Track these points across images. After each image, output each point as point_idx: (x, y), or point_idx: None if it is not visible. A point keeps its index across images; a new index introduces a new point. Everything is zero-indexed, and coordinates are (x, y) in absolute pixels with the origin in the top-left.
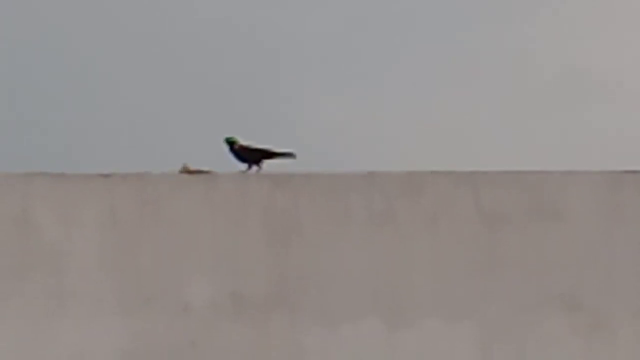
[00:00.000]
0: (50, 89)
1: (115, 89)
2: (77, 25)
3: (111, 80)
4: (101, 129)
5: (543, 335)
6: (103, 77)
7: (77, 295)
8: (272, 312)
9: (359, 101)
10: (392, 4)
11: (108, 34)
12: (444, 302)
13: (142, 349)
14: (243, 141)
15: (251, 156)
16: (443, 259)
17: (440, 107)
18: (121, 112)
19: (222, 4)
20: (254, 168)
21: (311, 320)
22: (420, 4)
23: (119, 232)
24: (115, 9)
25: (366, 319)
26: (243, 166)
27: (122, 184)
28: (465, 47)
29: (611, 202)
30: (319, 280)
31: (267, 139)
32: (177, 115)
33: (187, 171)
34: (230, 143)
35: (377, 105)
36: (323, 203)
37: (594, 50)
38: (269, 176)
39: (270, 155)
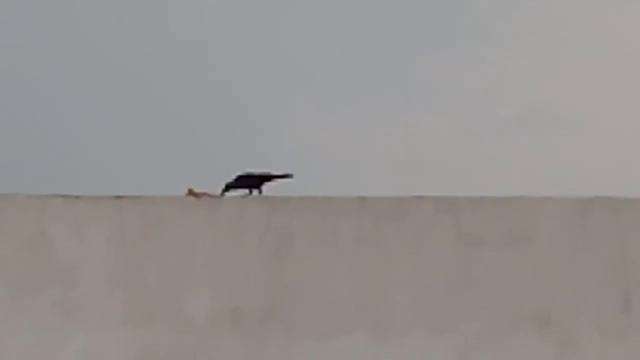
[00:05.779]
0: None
1: (122, 119)
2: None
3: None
4: (110, 152)
5: (517, 349)
6: (111, 107)
7: (87, 309)
8: (267, 326)
9: (334, 124)
10: (369, 32)
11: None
12: (426, 318)
13: (147, 359)
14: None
15: (251, 182)
16: (425, 278)
17: (409, 137)
18: (129, 139)
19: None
20: (255, 192)
21: (304, 335)
22: (386, 35)
23: (127, 250)
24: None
25: (354, 333)
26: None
27: (132, 205)
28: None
29: (580, 226)
30: (311, 296)
31: (263, 163)
32: (180, 141)
33: (192, 194)
34: (229, 185)
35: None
36: (316, 224)
37: (555, 87)
38: (267, 199)
39: (269, 178)
